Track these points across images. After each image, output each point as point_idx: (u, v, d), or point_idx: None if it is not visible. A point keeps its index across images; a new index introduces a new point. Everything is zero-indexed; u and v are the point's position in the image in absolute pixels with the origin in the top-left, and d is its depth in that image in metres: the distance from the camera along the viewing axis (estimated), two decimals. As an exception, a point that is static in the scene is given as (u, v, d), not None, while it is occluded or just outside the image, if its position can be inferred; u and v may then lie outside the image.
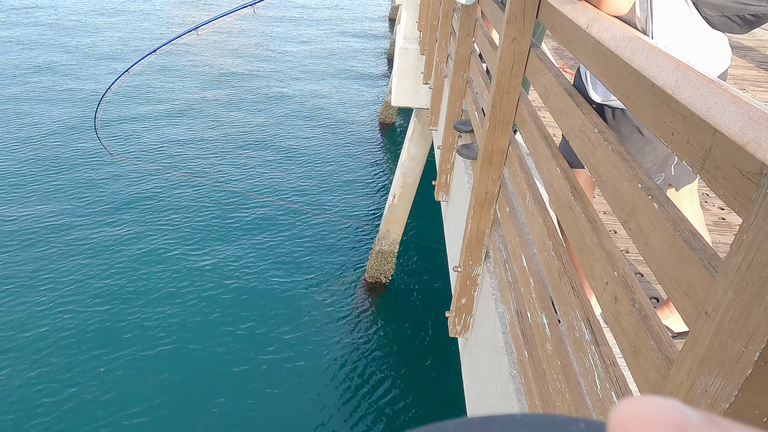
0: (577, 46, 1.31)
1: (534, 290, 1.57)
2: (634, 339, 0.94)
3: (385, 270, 7.92)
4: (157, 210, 8.81)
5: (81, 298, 6.97)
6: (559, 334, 1.40)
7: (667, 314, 1.78)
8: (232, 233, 8.49)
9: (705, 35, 1.22)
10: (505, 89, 1.81)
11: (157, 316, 6.87)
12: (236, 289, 7.46)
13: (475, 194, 2.06)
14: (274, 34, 18.41)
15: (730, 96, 0.57)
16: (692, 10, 1.17)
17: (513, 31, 1.71)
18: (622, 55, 0.83)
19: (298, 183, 10.02)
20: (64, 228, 8.19)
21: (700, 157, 0.77)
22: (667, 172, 1.40)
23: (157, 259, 7.78)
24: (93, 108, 8.69)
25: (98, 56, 14.49)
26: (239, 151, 10.89)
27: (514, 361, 1.75)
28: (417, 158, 7.48)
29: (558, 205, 1.37)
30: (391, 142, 12.16)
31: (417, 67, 6.54)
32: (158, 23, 17.25)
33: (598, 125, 1.20)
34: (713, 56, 1.25)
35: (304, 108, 13.07)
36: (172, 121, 11.63)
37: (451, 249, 3.01)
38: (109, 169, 9.57)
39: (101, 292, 7.10)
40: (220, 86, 13.67)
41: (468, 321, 2.36)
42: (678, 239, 0.82)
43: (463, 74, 3.05)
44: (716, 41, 1.24)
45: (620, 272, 1.04)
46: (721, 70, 1.29)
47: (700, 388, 0.59)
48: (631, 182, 0.99)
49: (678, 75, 0.66)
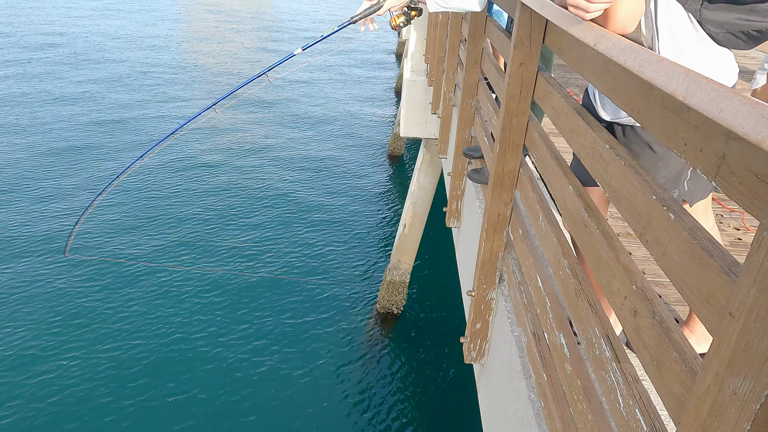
0: (585, 66, 1.33)
1: (551, 310, 1.55)
2: (656, 352, 0.92)
3: (396, 300, 7.86)
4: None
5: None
6: (578, 354, 1.38)
7: (688, 335, 1.75)
8: (244, 269, 8.51)
9: (711, 52, 1.24)
10: (514, 112, 1.84)
11: (170, 355, 6.84)
12: (245, 319, 7.42)
13: (487, 217, 2.06)
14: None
15: (741, 98, 0.58)
16: (697, 27, 1.20)
17: (520, 56, 1.74)
18: (631, 67, 0.85)
19: (307, 214, 10.08)
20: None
21: (714, 165, 0.78)
22: (680, 188, 1.40)
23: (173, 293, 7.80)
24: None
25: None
26: (256, 187, 11.02)
27: (533, 385, 1.72)
28: (426, 188, 7.53)
29: (572, 223, 1.37)
30: (400, 173, 12.26)
31: (425, 98, 6.65)
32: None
33: (609, 141, 1.21)
34: (720, 73, 1.27)
35: (311, 143, 13.27)
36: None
37: (463, 274, 3.00)
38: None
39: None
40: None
41: (483, 347, 2.33)
42: (696, 247, 0.81)
43: (471, 102, 3.10)
44: (722, 58, 1.26)
45: (638, 286, 1.03)
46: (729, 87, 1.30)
47: (729, 391, 0.58)
48: (645, 194, 1.00)
49: (688, 82, 0.68)
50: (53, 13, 24.27)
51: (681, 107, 0.86)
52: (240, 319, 7.45)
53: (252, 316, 7.51)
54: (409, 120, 6.88)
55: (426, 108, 6.56)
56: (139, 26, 23.52)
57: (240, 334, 7.20)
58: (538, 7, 1.48)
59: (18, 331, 6.90)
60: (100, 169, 11.02)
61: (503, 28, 2.48)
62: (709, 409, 0.62)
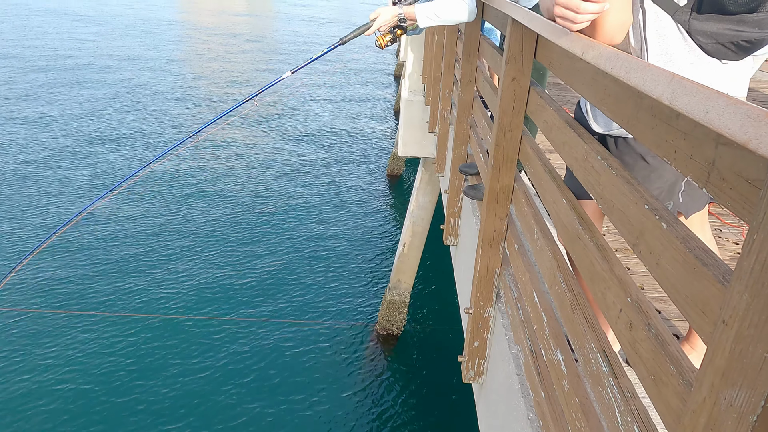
0: (575, 79, 1.33)
1: (547, 326, 1.52)
2: (652, 366, 0.90)
3: (396, 321, 7.79)
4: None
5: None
6: (575, 370, 1.35)
7: (689, 350, 1.71)
8: (244, 287, 8.46)
9: (701, 62, 1.24)
10: (507, 127, 1.84)
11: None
12: (243, 340, 7.34)
13: (483, 233, 2.05)
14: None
15: (726, 98, 0.57)
16: (686, 37, 1.20)
17: (512, 71, 1.75)
18: (617, 75, 0.84)
19: (306, 234, 10.06)
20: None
21: (704, 171, 0.76)
22: (675, 199, 1.39)
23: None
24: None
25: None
26: (254, 208, 11.02)
27: (531, 404, 1.68)
28: (425, 207, 7.52)
29: (566, 236, 1.35)
30: (399, 192, 12.28)
31: (422, 118, 6.69)
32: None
33: (601, 153, 1.20)
34: (711, 83, 1.27)
35: (312, 164, 13.33)
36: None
37: (461, 292, 2.97)
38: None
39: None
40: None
41: (482, 365, 2.29)
42: (689, 256, 0.79)
43: (466, 119, 3.11)
44: (713, 68, 1.26)
45: (633, 298, 1.01)
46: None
47: (725, 403, 0.55)
48: (637, 205, 0.98)
49: (674, 86, 0.67)
50: (56, 36, 24.64)
51: (670, 115, 0.85)
52: (238, 338, 7.37)
53: (251, 337, 7.43)
54: (408, 139, 6.91)
55: (424, 128, 6.60)
56: (140, 49, 23.84)
57: (235, 352, 7.11)
58: (527, 22, 1.48)
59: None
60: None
61: (496, 46, 2.50)
62: (705, 423, 0.59)
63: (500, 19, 2.18)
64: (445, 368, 7.27)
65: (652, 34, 1.22)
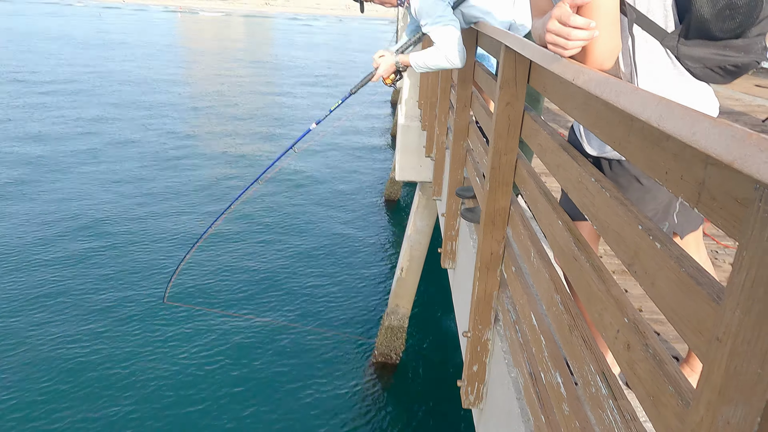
0: (568, 103, 1.36)
1: (546, 348, 1.52)
2: (651, 387, 0.89)
3: (395, 346, 7.71)
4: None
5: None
6: (574, 393, 1.34)
7: (689, 373, 1.71)
8: (234, 305, 8.39)
9: (690, 87, 1.27)
10: (502, 150, 1.86)
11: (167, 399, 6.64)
12: (238, 367, 7.24)
13: (480, 256, 2.05)
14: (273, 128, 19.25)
15: (711, 120, 0.58)
16: (675, 62, 1.23)
17: (506, 96, 1.78)
18: (607, 98, 0.86)
19: (304, 259, 10.03)
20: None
21: (695, 191, 0.78)
22: (670, 220, 1.40)
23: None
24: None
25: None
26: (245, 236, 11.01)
27: (532, 429, 1.66)
28: (423, 231, 7.53)
29: (562, 257, 1.36)
30: (397, 217, 12.30)
31: (419, 142, 6.76)
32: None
33: (595, 175, 1.22)
34: (700, 107, 1.29)
35: (309, 189, 13.38)
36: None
37: (460, 315, 2.95)
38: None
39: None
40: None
41: (481, 390, 2.26)
42: (684, 275, 0.80)
43: (462, 143, 3.15)
44: (701, 92, 1.29)
45: (630, 318, 1.01)
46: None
47: (722, 421, 0.55)
48: (631, 225, 0.99)
49: (661, 109, 0.69)
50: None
51: (660, 136, 0.87)
52: (239, 368, 7.27)
53: (246, 363, 7.33)
54: (405, 164, 6.97)
55: (421, 152, 6.66)
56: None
57: (232, 379, 7.00)
58: (520, 49, 1.52)
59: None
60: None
61: (490, 72, 2.55)
62: (704, 441, 0.59)
63: (494, 46, 2.23)
64: (444, 394, 7.17)
65: (641, 59, 1.25)
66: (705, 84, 1.26)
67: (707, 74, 1.20)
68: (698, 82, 1.25)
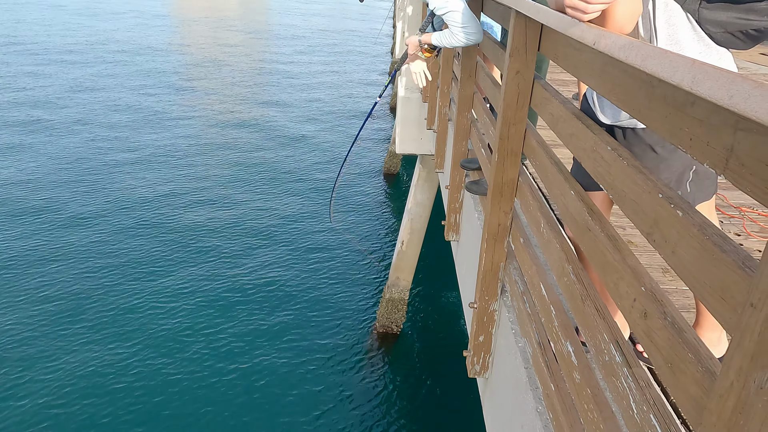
0: (582, 70, 1.33)
1: (556, 318, 1.52)
2: (669, 354, 0.90)
3: (396, 318, 7.79)
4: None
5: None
6: (586, 362, 1.35)
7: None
8: (240, 287, 8.44)
9: (710, 52, 1.24)
10: (511, 121, 1.84)
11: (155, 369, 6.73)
12: (242, 341, 7.33)
13: (487, 228, 2.04)
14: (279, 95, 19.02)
15: (751, 83, 0.57)
16: (696, 27, 1.20)
17: (516, 64, 1.75)
18: (633, 62, 0.84)
19: (304, 235, 10.04)
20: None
21: (723, 158, 0.76)
22: (683, 189, 1.39)
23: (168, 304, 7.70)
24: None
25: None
26: (241, 208, 10.99)
27: (540, 397, 1.68)
28: (424, 204, 7.52)
29: (575, 228, 1.35)
30: (397, 190, 12.27)
31: (419, 115, 6.69)
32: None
33: (611, 143, 1.20)
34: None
35: (308, 163, 13.30)
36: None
37: (464, 287, 2.97)
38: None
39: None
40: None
41: (487, 360, 2.29)
42: (708, 243, 0.79)
43: (467, 114, 3.11)
44: (722, 58, 1.26)
45: (647, 287, 1.01)
46: None
47: (755, 386, 0.55)
48: (651, 194, 0.98)
49: (695, 71, 0.67)
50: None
51: (685, 102, 0.85)
52: (236, 338, 7.35)
53: (247, 335, 7.41)
54: (405, 137, 6.91)
55: (421, 124, 6.59)
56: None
57: (236, 354, 7.09)
58: (533, 14, 1.48)
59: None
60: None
61: (497, 40, 2.50)
62: (734, 407, 0.59)
63: (502, 12, 2.18)
64: (445, 364, 7.28)
65: (661, 23, 1.22)
66: (725, 50, 1.24)
67: (728, 39, 1.18)
68: (719, 48, 1.23)
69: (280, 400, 6.50)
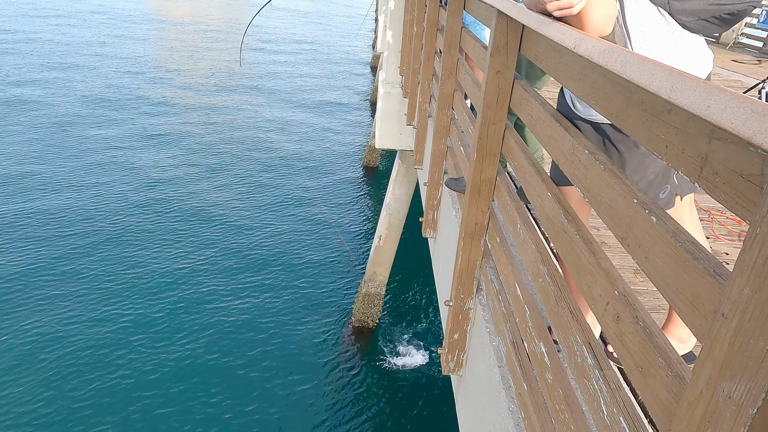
0: (562, 72, 1.33)
1: (530, 318, 1.54)
2: (640, 358, 0.91)
3: (371, 313, 7.80)
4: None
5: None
6: (558, 362, 1.36)
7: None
8: (216, 282, 8.33)
9: (684, 43, 1.25)
10: (491, 120, 1.84)
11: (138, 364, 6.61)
12: (216, 335, 7.24)
13: (464, 226, 2.05)
14: (260, 84, 18.77)
15: (729, 93, 0.57)
16: (668, 19, 1.21)
17: (497, 64, 1.74)
18: (612, 68, 0.84)
19: (282, 227, 9.96)
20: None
21: (697, 166, 0.77)
22: (671, 182, 1.41)
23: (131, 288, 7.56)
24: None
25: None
26: (218, 193, 10.84)
27: (513, 396, 1.69)
28: (402, 199, 7.53)
29: (551, 229, 1.36)
30: (375, 185, 12.25)
31: (400, 110, 6.68)
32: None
33: (588, 147, 1.21)
34: (696, 62, 1.28)
35: (287, 155, 13.18)
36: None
37: (440, 284, 2.98)
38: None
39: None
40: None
41: (461, 357, 2.30)
42: (680, 250, 0.80)
43: (447, 112, 3.11)
44: (696, 47, 1.27)
45: (621, 291, 1.02)
46: (706, 74, 1.32)
47: (723, 395, 0.56)
48: (626, 198, 0.99)
49: (673, 80, 0.67)
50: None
51: (662, 109, 0.85)
52: (209, 330, 7.26)
53: (223, 330, 7.33)
54: (385, 132, 6.89)
55: (401, 120, 6.58)
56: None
57: (208, 346, 7.01)
58: (515, 14, 1.48)
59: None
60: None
61: (479, 39, 2.50)
62: (702, 415, 0.60)
63: (484, 11, 2.18)
64: (420, 360, 7.32)
65: (633, 20, 1.23)
66: (698, 37, 1.25)
67: (703, 26, 1.19)
68: (691, 37, 1.24)
69: (252, 393, 6.45)
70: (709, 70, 1.33)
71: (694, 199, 3.07)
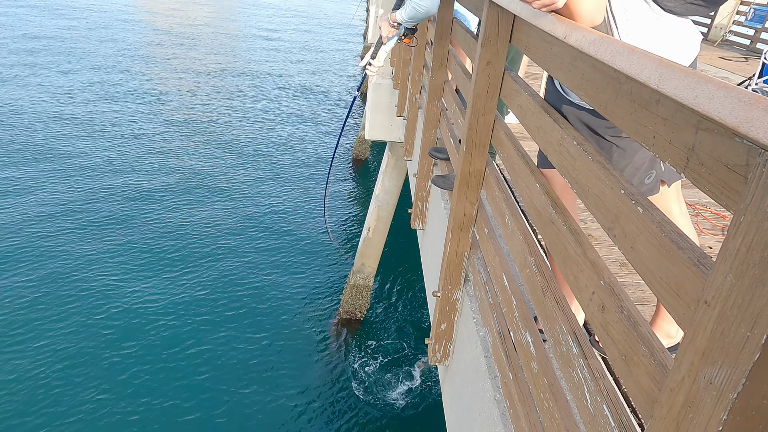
0: (552, 63, 1.33)
1: (517, 309, 1.55)
2: (624, 347, 0.92)
3: (360, 304, 7.81)
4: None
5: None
6: (544, 352, 1.37)
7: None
8: (202, 266, 8.28)
9: (670, 27, 1.25)
10: (480, 111, 1.84)
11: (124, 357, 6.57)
12: (203, 330, 7.21)
13: (453, 217, 2.05)
14: (251, 70, 18.60)
15: (716, 83, 0.57)
16: (652, 5, 1.21)
17: (487, 55, 1.74)
18: (602, 58, 0.84)
19: (269, 218, 9.91)
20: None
21: (683, 157, 0.78)
22: (657, 168, 1.42)
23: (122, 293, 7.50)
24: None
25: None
26: (209, 190, 10.76)
27: (498, 385, 1.71)
28: (391, 191, 7.53)
29: (539, 220, 1.37)
30: (364, 176, 12.23)
31: (390, 101, 6.66)
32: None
33: (576, 138, 1.21)
34: (683, 46, 1.28)
35: (275, 147, 13.10)
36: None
37: (428, 275, 2.99)
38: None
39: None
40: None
41: (448, 348, 2.31)
42: (665, 240, 0.81)
43: (437, 103, 3.10)
44: (682, 30, 1.28)
45: (606, 281, 1.03)
46: (693, 58, 1.32)
47: (704, 381, 0.57)
48: (613, 189, 1.00)
49: (662, 70, 0.67)
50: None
51: (650, 100, 0.86)
52: (197, 322, 7.23)
53: (211, 323, 7.30)
54: (375, 123, 6.87)
55: (391, 111, 6.56)
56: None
57: (195, 337, 6.98)
58: (506, 4, 1.47)
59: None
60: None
61: (469, 30, 2.49)
62: (684, 401, 0.61)
63: (475, 1, 2.17)
64: (408, 351, 7.36)
65: (618, 8, 1.23)
66: (685, 21, 1.25)
67: (689, 8, 1.19)
68: (677, 21, 1.24)
69: (238, 384, 6.44)
70: (696, 54, 1.33)
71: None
